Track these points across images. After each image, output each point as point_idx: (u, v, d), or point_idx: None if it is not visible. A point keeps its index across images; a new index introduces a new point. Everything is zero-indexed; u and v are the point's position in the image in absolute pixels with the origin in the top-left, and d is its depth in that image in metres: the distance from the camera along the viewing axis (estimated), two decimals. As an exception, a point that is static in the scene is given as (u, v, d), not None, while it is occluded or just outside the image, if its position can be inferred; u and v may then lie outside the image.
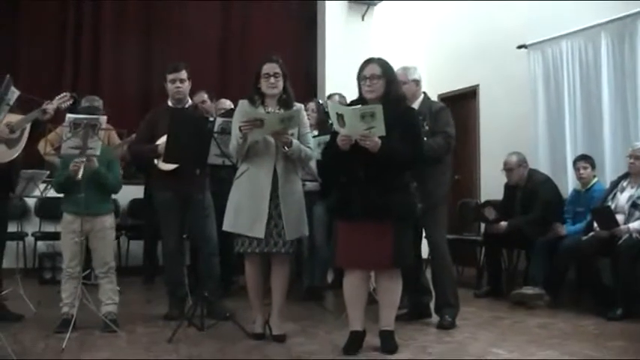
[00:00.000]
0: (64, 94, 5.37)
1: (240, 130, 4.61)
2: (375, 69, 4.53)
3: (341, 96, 6.74)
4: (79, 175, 4.99)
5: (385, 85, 4.51)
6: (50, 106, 5.23)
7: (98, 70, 9.23)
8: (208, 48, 9.64)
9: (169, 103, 5.75)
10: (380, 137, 4.26)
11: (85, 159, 4.98)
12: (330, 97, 7.09)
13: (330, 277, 7.13)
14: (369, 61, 4.60)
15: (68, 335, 4.69)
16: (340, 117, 4.30)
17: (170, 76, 5.67)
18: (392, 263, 4.46)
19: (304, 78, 9.57)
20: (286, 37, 9.74)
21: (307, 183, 6.17)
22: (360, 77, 4.58)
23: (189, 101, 5.81)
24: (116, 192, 5.48)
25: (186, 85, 5.72)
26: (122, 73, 9.34)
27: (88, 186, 5.08)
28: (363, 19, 9.88)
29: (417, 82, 5.55)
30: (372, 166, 4.33)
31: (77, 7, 9.21)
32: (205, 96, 6.79)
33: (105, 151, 5.34)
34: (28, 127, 5.30)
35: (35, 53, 8.86)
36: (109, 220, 5.36)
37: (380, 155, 4.29)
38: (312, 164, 6.24)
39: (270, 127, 4.61)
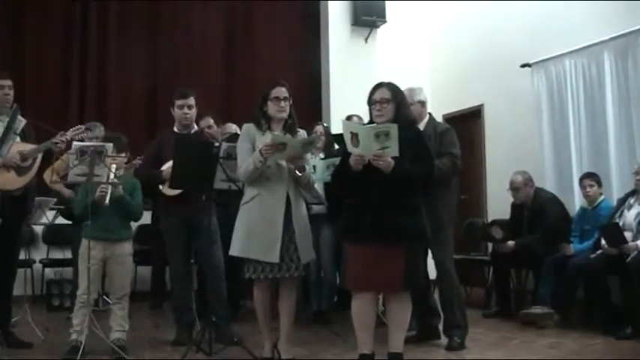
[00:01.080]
0: (79, 126, 5.43)
1: (261, 153, 4.61)
2: (384, 93, 4.54)
3: (359, 117, 6.74)
4: (107, 201, 4.98)
5: (395, 108, 4.52)
6: (62, 139, 5.27)
7: (104, 95, 9.28)
8: (212, 71, 9.69)
9: (175, 129, 5.77)
10: (393, 158, 4.27)
11: (110, 185, 4.99)
12: (349, 118, 7.10)
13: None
14: (378, 86, 4.61)
15: (77, 362, 4.68)
16: (354, 136, 4.30)
17: (178, 102, 5.69)
18: (402, 285, 4.44)
19: (309, 101, 9.58)
20: (290, 62, 9.78)
21: (314, 206, 6.19)
22: (371, 102, 4.59)
23: (195, 127, 5.83)
24: (138, 219, 5.49)
25: (194, 112, 5.74)
26: (128, 96, 9.40)
27: (109, 211, 5.09)
28: (366, 42, 9.92)
29: (423, 104, 5.57)
30: (385, 188, 4.33)
31: (82, 30, 9.28)
32: (211, 121, 6.81)
33: (128, 178, 5.36)
34: (39, 156, 5.34)
35: (41, 78, 8.92)
36: (128, 247, 5.37)
37: (392, 176, 4.29)
38: (319, 187, 6.25)
39: (290, 152, 4.62)
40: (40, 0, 9.08)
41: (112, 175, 5.02)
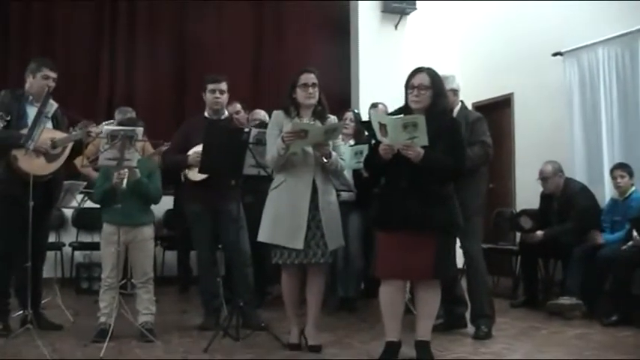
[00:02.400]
0: (111, 121, 5.50)
1: (283, 140, 4.62)
2: (424, 79, 4.48)
3: (384, 105, 6.71)
4: (124, 185, 5.04)
5: (432, 96, 4.47)
6: (95, 129, 5.32)
7: (133, 81, 9.33)
8: (241, 58, 9.69)
9: (206, 114, 5.79)
10: (423, 147, 4.25)
11: (127, 169, 5.04)
12: (374, 105, 7.07)
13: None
14: (418, 70, 4.56)
15: (106, 344, 4.73)
16: (383, 127, 4.29)
17: (210, 86, 5.70)
18: (433, 274, 4.43)
19: (338, 88, 9.55)
20: (319, 48, 9.72)
21: (342, 193, 6.18)
22: (408, 85, 4.53)
23: (225, 113, 5.84)
24: (157, 202, 5.54)
25: (225, 97, 5.75)
26: (156, 83, 9.44)
27: (129, 196, 5.15)
28: (396, 29, 9.86)
29: (455, 92, 5.54)
30: (415, 177, 4.31)
31: (112, 17, 9.35)
32: (239, 107, 6.83)
33: (146, 161, 5.40)
34: (70, 145, 5.39)
35: (71, 65, 8.97)
36: (149, 231, 5.42)
37: (422, 165, 4.27)
38: (348, 174, 6.24)
39: (313, 139, 4.62)
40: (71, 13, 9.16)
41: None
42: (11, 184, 5.17)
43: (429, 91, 4.46)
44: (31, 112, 5.34)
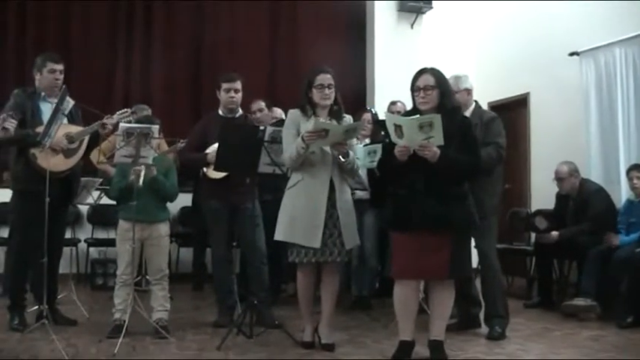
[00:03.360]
0: (125, 110, 5.54)
1: (303, 140, 4.62)
2: (428, 80, 4.48)
3: (403, 103, 6.69)
4: (141, 182, 5.07)
5: (439, 95, 4.47)
6: (110, 121, 5.36)
7: (149, 79, 9.37)
8: (257, 57, 9.69)
9: (220, 112, 5.81)
10: (438, 147, 4.24)
11: (143, 166, 5.07)
12: (393, 103, 7.06)
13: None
14: (422, 72, 4.55)
15: (120, 340, 4.75)
16: (398, 128, 4.28)
17: (225, 85, 5.72)
18: (449, 274, 4.43)
19: (353, 87, 9.54)
20: (335, 47, 9.71)
21: (357, 192, 6.19)
22: (414, 88, 4.53)
23: (240, 111, 5.85)
24: (173, 200, 5.56)
25: (240, 96, 5.77)
26: (173, 81, 9.47)
27: (145, 193, 5.17)
28: (412, 28, 9.84)
29: (469, 91, 5.52)
30: (431, 177, 4.31)
31: (128, 16, 9.39)
32: (263, 104, 6.82)
33: (162, 159, 5.43)
34: (86, 138, 5.43)
35: (87, 63, 9.06)
36: (164, 228, 5.44)
37: (439, 165, 4.27)
38: (362, 173, 6.24)
39: (333, 138, 4.63)
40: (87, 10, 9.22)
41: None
42: (31, 180, 5.20)
43: (435, 90, 4.45)
44: (45, 108, 5.38)
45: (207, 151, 5.57)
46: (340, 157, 4.73)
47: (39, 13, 9.05)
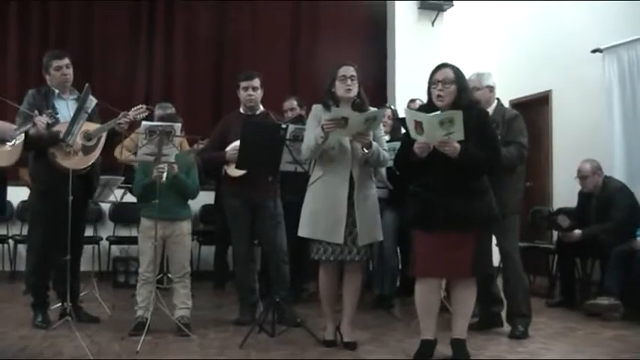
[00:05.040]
0: (140, 106, 5.52)
1: (323, 128, 4.60)
2: (448, 73, 4.45)
3: (422, 101, 6.66)
4: (164, 179, 5.10)
5: (457, 91, 4.44)
6: (125, 119, 5.37)
7: (171, 78, 9.40)
8: (278, 56, 9.69)
9: (241, 110, 5.82)
10: (458, 142, 4.22)
11: (166, 164, 5.09)
12: (412, 101, 7.04)
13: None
14: (442, 66, 4.53)
15: (143, 338, 4.78)
16: (418, 124, 4.26)
17: (243, 84, 5.74)
18: (471, 272, 4.42)
19: (374, 85, 9.52)
20: (355, 45, 9.70)
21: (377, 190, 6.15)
22: (432, 81, 4.51)
23: (261, 108, 5.86)
24: (194, 197, 5.57)
25: (259, 93, 5.78)
26: (194, 80, 9.50)
27: (167, 191, 5.20)
28: (433, 25, 9.79)
29: (491, 89, 5.48)
30: (451, 174, 4.29)
31: (150, 14, 9.43)
32: (295, 103, 6.81)
33: (184, 157, 5.45)
34: (104, 135, 5.45)
35: (109, 61, 9.12)
36: (186, 226, 5.46)
37: (459, 160, 4.25)
38: (382, 170, 6.22)
39: (353, 127, 4.58)
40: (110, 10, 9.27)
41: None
42: (52, 179, 5.24)
43: (454, 85, 4.43)
44: (60, 105, 5.42)
45: (227, 149, 5.58)
46: (363, 148, 4.70)
47: (61, 13, 9.11)
